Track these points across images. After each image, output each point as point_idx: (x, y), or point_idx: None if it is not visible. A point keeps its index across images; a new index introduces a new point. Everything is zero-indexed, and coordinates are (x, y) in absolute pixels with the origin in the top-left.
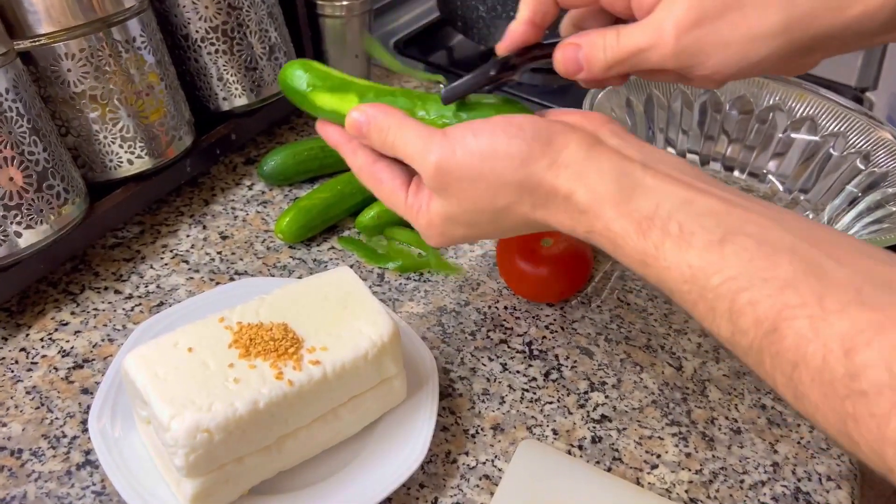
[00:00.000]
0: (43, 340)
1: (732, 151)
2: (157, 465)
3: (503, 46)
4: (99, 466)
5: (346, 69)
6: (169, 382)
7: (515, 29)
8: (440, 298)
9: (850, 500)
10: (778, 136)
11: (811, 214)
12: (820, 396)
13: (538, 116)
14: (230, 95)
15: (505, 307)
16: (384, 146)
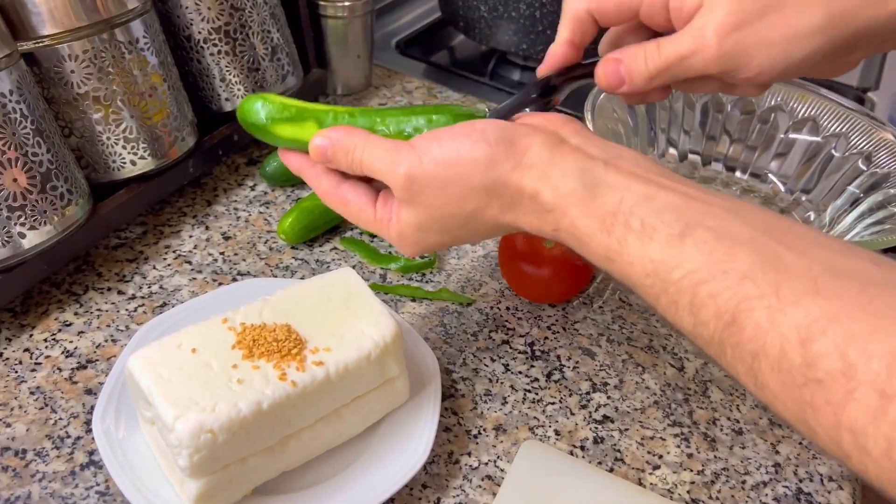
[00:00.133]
0: (46, 341)
1: (734, 152)
2: (160, 465)
3: (544, 68)
4: (103, 467)
5: (348, 69)
6: (173, 383)
7: (556, 51)
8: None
9: (851, 500)
10: (779, 136)
11: (813, 215)
12: (779, 385)
13: (500, 120)
14: (233, 96)
15: (507, 308)
16: (352, 166)
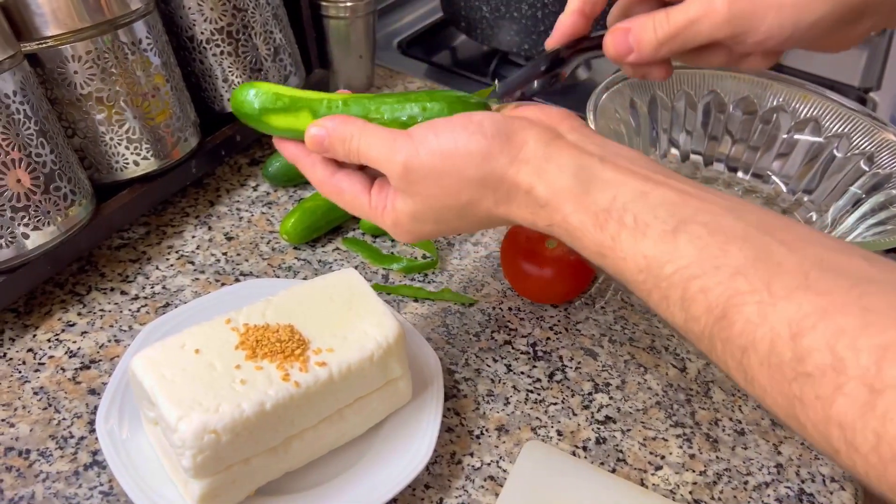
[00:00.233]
0: (50, 341)
1: (736, 152)
2: (164, 465)
3: (553, 40)
4: (106, 467)
5: (350, 69)
6: (176, 384)
7: (565, 21)
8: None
9: (853, 501)
10: (781, 136)
11: (815, 216)
12: (768, 380)
13: (497, 113)
14: None
15: (509, 308)
16: (349, 154)
